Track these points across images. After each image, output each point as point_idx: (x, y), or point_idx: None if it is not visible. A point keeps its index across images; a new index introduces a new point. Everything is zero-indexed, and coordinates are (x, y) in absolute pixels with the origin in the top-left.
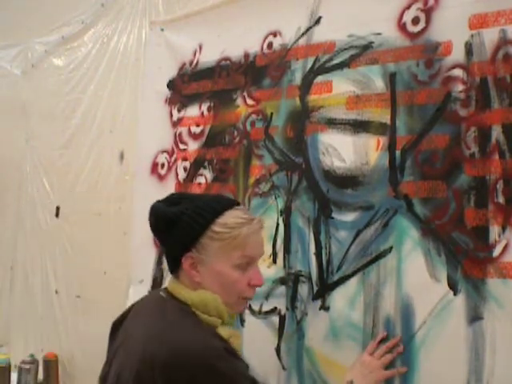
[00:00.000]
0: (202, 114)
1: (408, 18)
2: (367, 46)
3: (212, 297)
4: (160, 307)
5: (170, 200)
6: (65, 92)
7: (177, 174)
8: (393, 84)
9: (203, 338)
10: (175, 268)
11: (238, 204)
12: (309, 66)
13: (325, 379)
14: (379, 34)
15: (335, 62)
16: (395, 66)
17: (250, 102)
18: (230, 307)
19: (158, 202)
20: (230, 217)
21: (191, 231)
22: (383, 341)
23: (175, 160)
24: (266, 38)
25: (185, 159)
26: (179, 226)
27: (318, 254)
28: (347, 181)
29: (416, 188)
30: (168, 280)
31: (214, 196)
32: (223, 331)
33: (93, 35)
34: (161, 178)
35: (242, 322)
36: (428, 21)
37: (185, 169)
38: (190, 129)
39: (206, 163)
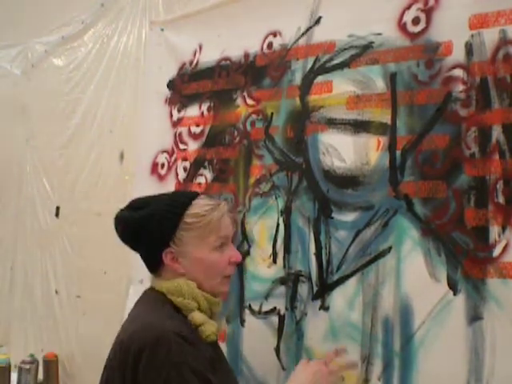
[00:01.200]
0: (202, 114)
1: (408, 18)
2: (367, 46)
3: (186, 282)
4: (141, 300)
5: (133, 206)
6: (65, 92)
7: (177, 174)
8: (393, 84)
9: (156, 322)
10: (155, 267)
11: (199, 194)
12: (309, 66)
13: None
14: (379, 34)
15: (335, 62)
16: (395, 66)
17: (250, 101)
18: (215, 290)
19: (121, 210)
20: (198, 206)
21: (166, 228)
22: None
23: (175, 160)
24: (266, 37)
25: (185, 159)
26: (152, 226)
27: (318, 254)
28: (347, 181)
29: (416, 188)
30: (150, 280)
31: (174, 192)
32: (198, 316)
33: (93, 35)
34: (161, 178)
35: (242, 321)
36: (428, 21)
37: (185, 169)
38: (190, 129)
39: (206, 163)
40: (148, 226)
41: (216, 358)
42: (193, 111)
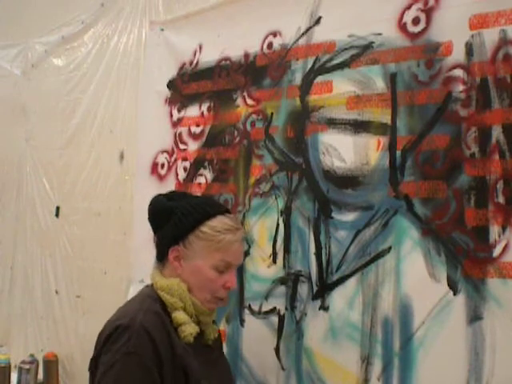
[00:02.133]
0: (202, 114)
1: (408, 18)
2: (368, 46)
3: (178, 284)
4: (136, 294)
5: (170, 195)
6: (65, 92)
7: (177, 174)
8: (393, 84)
9: (131, 312)
10: (162, 257)
11: (229, 212)
12: (309, 66)
13: (323, 379)
14: (380, 34)
15: (335, 62)
16: (396, 66)
17: (250, 101)
18: (202, 303)
19: (160, 195)
20: (219, 222)
21: (181, 227)
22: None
23: (175, 160)
24: (266, 37)
25: (185, 159)
26: (172, 220)
27: (318, 254)
28: (347, 181)
29: (416, 188)
30: (151, 275)
31: (209, 199)
32: (180, 316)
33: (93, 35)
34: (161, 178)
35: (242, 321)
36: (428, 21)
37: (185, 169)
38: (190, 129)
39: (206, 163)
40: (168, 219)
41: (188, 361)
42: (193, 111)
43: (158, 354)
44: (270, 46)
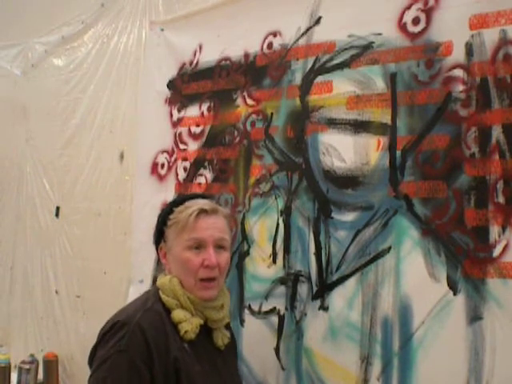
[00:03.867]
0: (202, 113)
1: (408, 18)
2: (367, 46)
3: (169, 279)
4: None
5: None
6: (65, 92)
7: (177, 174)
8: (393, 84)
9: (130, 311)
10: (160, 263)
11: (205, 197)
12: (309, 66)
13: (323, 379)
14: (379, 34)
15: (335, 62)
16: (396, 66)
17: (250, 101)
18: (193, 292)
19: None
20: (183, 206)
21: (159, 224)
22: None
23: (175, 160)
24: (266, 37)
25: (185, 159)
26: (156, 223)
27: (318, 254)
28: (347, 181)
29: (416, 188)
30: None
31: (189, 194)
32: (176, 314)
33: (93, 35)
34: (161, 178)
35: (242, 321)
36: (428, 21)
37: (185, 169)
38: (190, 129)
39: (206, 163)
40: (156, 224)
41: (183, 365)
42: (193, 111)
43: (150, 354)
44: (269, 46)
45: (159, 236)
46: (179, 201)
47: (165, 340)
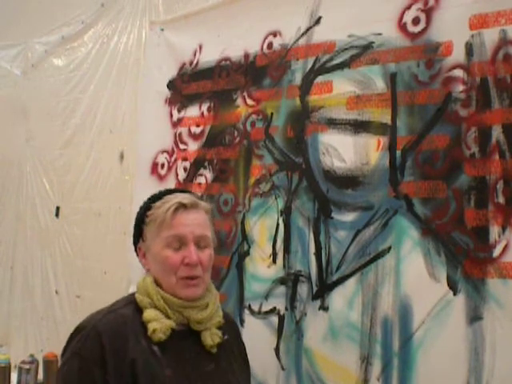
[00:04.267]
0: (202, 114)
1: (408, 18)
2: (367, 46)
3: (143, 279)
4: None
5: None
6: (65, 92)
7: (177, 174)
8: (393, 84)
9: (96, 313)
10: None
11: (185, 191)
12: (309, 66)
13: (323, 379)
14: (379, 34)
15: (335, 62)
16: (396, 67)
17: (250, 102)
18: (174, 291)
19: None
20: (161, 201)
21: (137, 222)
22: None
23: (175, 160)
24: (266, 37)
25: (185, 159)
26: (134, 222)
27: (318, 254)
28: (347, 181)
29: (416, 188)
30: None
31: (170, 189)
32: (147, 314)
33: (93, 35)
34: (161, 178)
35: (242, 321)
36: (428, 21)
37: (185, 169)
38: (190, 129)
39: (206, 163)
40: (134, 222)
41: (142, 369)
42: (193, 111)
43: (103, 357)
44: (270, 46)
45: (138, 235)
46: (157, 196)
47: (123, 342)
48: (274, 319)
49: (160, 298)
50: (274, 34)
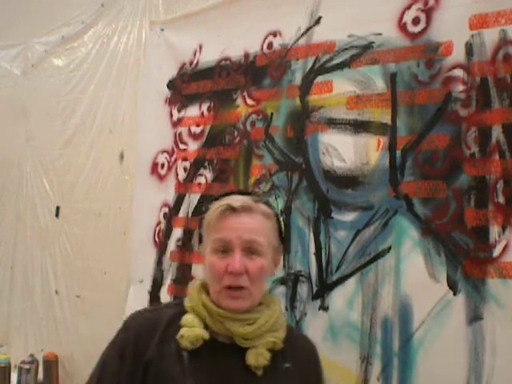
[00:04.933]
0: (202, 114)
1: (408, 18)
2: (367, 46)
3: (192, 284)
4: None
5: None
6: (65, 92)
7: (177, 174)
8: (393, 84)
9: (139, 310)
10: None
11: (244, 193)
12: (309, 66)
13: None
14: (379, 34)
15: (335, 62)
16: (396, 66)
17: (250, 102)
18: (218, 300)
19: None
20: (215, 203)
21: (198, 223)
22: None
23: (175, 160)
24: (266, 37)
25: (185, 159)
26: None
27: (318, 254)
28: (347, 181)
29: (416, 188)
30: None
31: (233, 190)
32: (185, 319)
33: (93, 35)
34: (161, 178)
35: None
36: (428, 21)
37: (185, 169)
38: (190, 129)
39: (206, 163)
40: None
41: (171, 367)
42: (193, 111)
43: (124, 352)
44: (270, 46)
45: (201, 237)
46: (217, 198)
47: (147, 341)
48: None
49: (201, 305)
50: (274, 34)
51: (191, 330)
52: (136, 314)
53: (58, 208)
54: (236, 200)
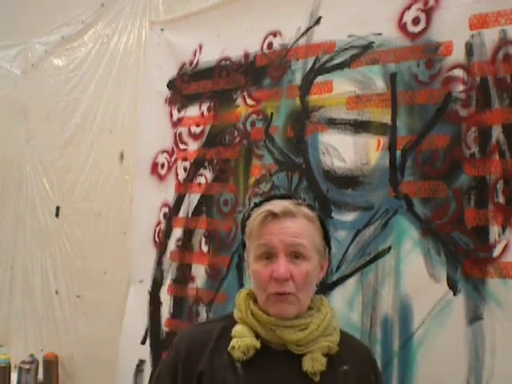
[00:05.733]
0: (202, 114)
1: (408, 18)
2: (368, 46)
3: (240, 292)
4: None
5: None
6: (65, 92)
7: (177, 174)
8: (393, 84)
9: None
10: None
11: (286, 197)
12: (309, 66)
13: None
14: (380, 34)
15: (335, 62)
16: (396, 66)
17: (250, 102)
18: (265, 307)
19: None
20: (256, 209)
21: (241, 230)
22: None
23: (175, 160)
24: (266, 37)
25: (185, 159)
26: None
27: None
28: (347, 181)
29: (416, 188)
30: None
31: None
32: (235, 329)
33: (93, 35)
34: (161, 178)
35: None
36: (428, 21)
37: (185, 169)
38: (190, 129)
39: (206, 163)
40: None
41: (226, 378)
42: (193, 111)
43: (176, 367)
44: (270, 46)
45: (244, 245)
46: (256, 205)
47: (198, 354)
48: None
49: (250, 314)
50: (274, 34)
51: (242, 340)
52: (184, 332)
53: (57, 208)
54: (276, 205)
